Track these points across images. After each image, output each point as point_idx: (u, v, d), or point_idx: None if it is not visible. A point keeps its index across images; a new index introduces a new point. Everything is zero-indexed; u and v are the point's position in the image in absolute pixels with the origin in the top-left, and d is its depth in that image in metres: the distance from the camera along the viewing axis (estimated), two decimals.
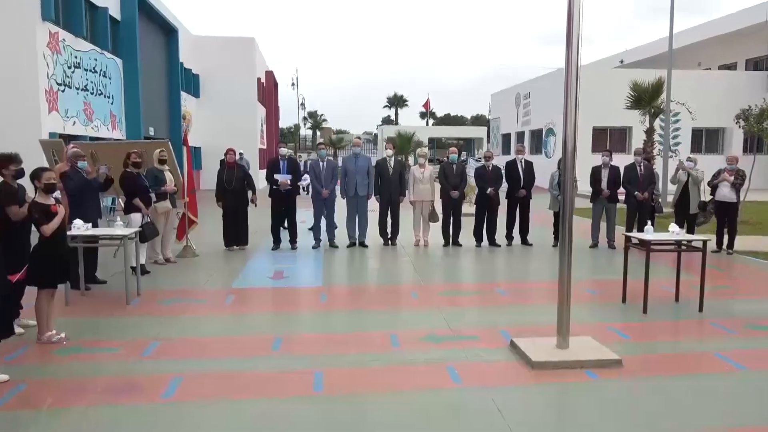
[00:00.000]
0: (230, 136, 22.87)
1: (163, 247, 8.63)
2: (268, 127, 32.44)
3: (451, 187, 9.99)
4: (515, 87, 32.32)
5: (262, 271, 8.27)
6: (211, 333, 5.49)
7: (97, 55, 15.65)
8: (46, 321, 5.11)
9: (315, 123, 76.62)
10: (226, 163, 9.70)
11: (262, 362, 4.67)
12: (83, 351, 4.91)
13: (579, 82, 4.56)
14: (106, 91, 16.25)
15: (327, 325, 5.74)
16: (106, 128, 16.21)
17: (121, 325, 5.65)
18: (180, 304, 6.45)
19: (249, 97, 27.19)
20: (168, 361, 4.69)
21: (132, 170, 7.73)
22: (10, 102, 12.14)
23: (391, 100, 76.08)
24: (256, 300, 6.85)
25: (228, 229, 9.77)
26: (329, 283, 7.62)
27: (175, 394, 4.05)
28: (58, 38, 13.37)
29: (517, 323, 5.71)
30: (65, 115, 13.68)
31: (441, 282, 7.80)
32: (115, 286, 7.06)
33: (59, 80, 13.43)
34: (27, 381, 4.25)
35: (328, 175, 9.85)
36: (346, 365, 4.61)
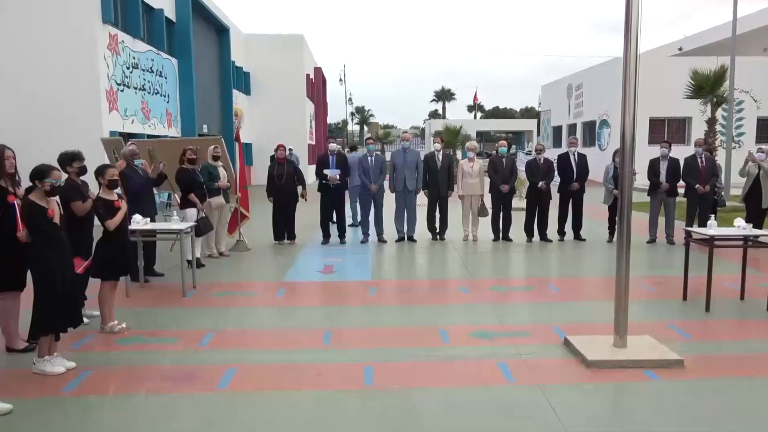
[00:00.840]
0: (280, 133, 23.30)
1: (216, 241, 8.86)
2: (316, 122, 32.83)
3: (501, 181, 9.83)
4: (567, 78, 31.50)
5: (312, 265, 8.38)
6: (263, 325, 5.60)
7: (153, 56, 16.19)
8: (108, 311, 5.34)
9: (362, 118, 76.98)
10: (276, 159, 9.86)
11: (313, 355, 4.72)
12: (143, 341, 5.10)
13: (638, 70, 4.38)
14: (162, 90, 16.80)
15: (376, 320, 5.76)
16: (163, 126, 16.77)
17: (178, 317, 5.84)
18: (233, 297, 6.61)
19: (298, 93, 27.57)
20: (223, 352, 4.81)
21: (187, 166, 7.96)
22: (74, 102, 12.72)
23: (438, 94, 75.62)
24: (307, 293, 6.94)
25: (278, 224, 9.93)
26: (378, 278, 7.64)
27: (230, 384, 4.15)
28: (117, 40, 13.91)
29: (571, 320, 5.57)
30: (124, 114, 14.23)
31: (491, 277, 7.69)
32: (172, 278, 7.31)
33: (119, 80, 13.97)
34: (92, 368, 4.44)
35: (376, 170, 9.87)
36: (396, 360, 4.60)
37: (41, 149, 6.91)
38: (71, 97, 12.72)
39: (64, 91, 12.70)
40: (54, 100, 12.65)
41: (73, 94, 12.74)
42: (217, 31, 22.68)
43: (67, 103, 12.67)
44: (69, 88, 12.73)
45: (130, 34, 14.71)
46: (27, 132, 11.79)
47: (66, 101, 12.67)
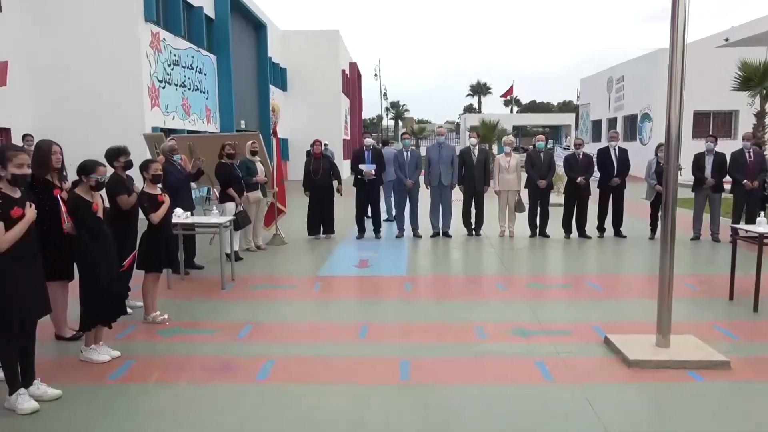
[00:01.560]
0: (315, 128, 23.47)
1: (254, 234, 9.00)
2: (351, 118, 32.96)
3: (539, 176, 9.67)
4: (607, 71, 30.74)
5: (348, 259, 8.42)
6: (300, 318, 5.66)
7: (193, 53, 16.52)
8: (151, 302, 5.49)
9: (397, 113, 76.94)
10: (312, 154, 9.93)
11: (349, 349, 4.75)
12: (184, 331, 5.23)
13: (685, 61, 4.24)
14: (201, 86, 17.13)
15: (412, 315, 5.75)
16: (202, 122, 17.11)
17: (217, 308, 5.96)
18: (271, 290, 6.71)
19: (334, 88, 27.71)
20: (261, 344, 4.88)
21: (226, 161, 8.10)
22: (118, 99, 13.10)
23: (474, 88, 74.94)
24: (343, 288, 6.98)
25: (313, 218, 10.02)
26: (413, 273, 7.63)
27: (269, 375, 4.22)
28: (159, 38, 14.24)
29: (611, 319, 5.45)
30: (165, 110, 14.57)
31: (528, 274, 7.59)
32: (211, 271, 7.45)
33: (160, 77, 14.30)
34: (135, 357, 4.58)
35: (412, 165, 9.84)
36: (432, 355, 4.59)
37: (88, 144, 7.14)
38: (116, 94, 13.11)
39: (109, 88, 13.09)
40: (100, 98, 13.06)
41: (117, 91, 13.13)
42: (255, 27, 22.98)
43: (112, 99, 13.06)
44: (114, 85, 13.11)
45: (171, 32, 15.04)
46: (75, 127, 12.20)
47: (111, 98, 13.07)
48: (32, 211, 3.59)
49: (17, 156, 3.55)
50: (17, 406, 3.60)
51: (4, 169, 3.51)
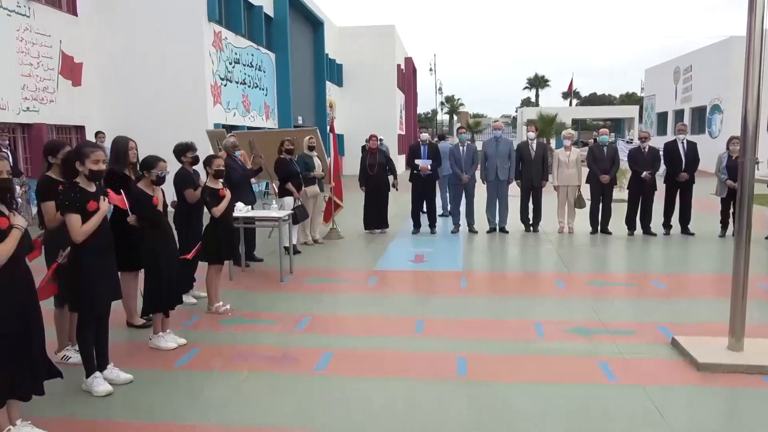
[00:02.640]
0: (371, 123, 23.59)
1: (311, 228, 9.15)
2: (406, 113, 32.94)
3: (601, 171, 9.36)
4: (674, 60, 29.37)
5: (403, 254, 8.44)
6: (357, 312, 5.72)
7: (253, 51, 16.93)
8: (214, 293, 5.68)
9: (452, 107, 76.19)
10: (368, 149, 9.99)
11: (406, 343, 4.76)
12: (245, 322, 5.38)
13: (764, 48, 3.99)
14: (261, 84, 17.55)
15: (469, 311, 5.70)
16: (261, 118, 17.53)
17: (276, 300, 6.11)
18: (328, 283, 6.81)
19: (389, 84, 27.77)
20: (319, 336, 4.97)
21: (285, 156, 8.26)
22: (182, 97, 13.60)
23: (531, 81, 73.28)
24: (398, 282, 7.00)
25: (369, 213, 10.09)
26: (469, 269, 7.56)
27: (327, 367, 4.29)
28: (221, 37, 14.67)
29: (679, 320, 5.22)
30: (227, 107, 15.02)
31: (588, 271, 7.37)
32: (270, 264, 7.64)
33: (222, 75, 14.75)
34: (200, 345, 4.75)
35: (468, 160, 9.74)
36: (490, 352, 4.54)
37: (155, 141, 7.44)
38: (180, 92, 13.62)
39: (175, 86, 13.62)
40: (166, 96, 13.60)
41: (182, 90, 13.64)
42: (312, 24, 23.30)
43: (177, 97, 13.58)
44: (178, 83, 13.63)
45: (233, 30, 15.47)
46: (143, 125, 12.74)
47: (176, 96, 13.58)
48: (106, 204, 3.78)
49: (94, 153, 3.74)
50: (93, 388, 3.81)
51: (83, 165, 3.71)
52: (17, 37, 11.12)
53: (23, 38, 11.27)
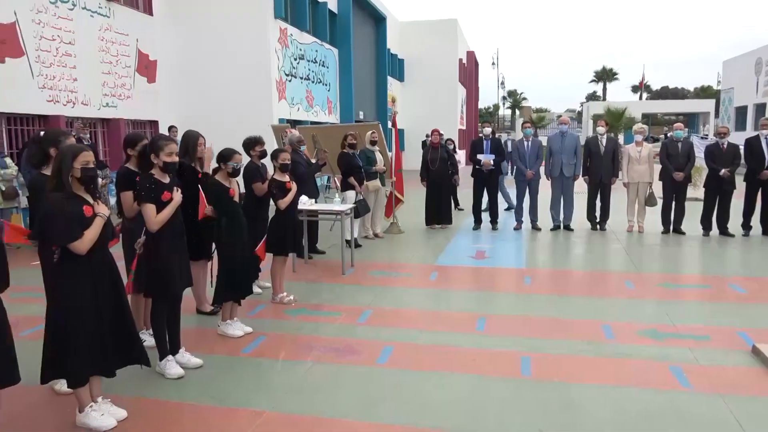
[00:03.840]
0: (431, 118, 23.49)
1: (372, 223, 9.21)
2: (467, 107, 32.58)
3: (675, 168, 8.92)
4: (756, 51, 27.60)
5: (464, 250, 8.35)
6: (418, 306, 5.71)
7: (317, 47, 17.19)
8: (279, 284, 5.81)
9: (514, 102, 74.71)
10: (431, 144, 9.94)
11: (467, 339, 4.72)
12: (308, 312, 5.48)
13: None
14: (324, 79, 17.81)
15: (532, 309, 5.58)
16: (324, 113, 17.80)
17: (338, 292, 6.19)
18: (389, 277, 6.84)
19: (450, 78, 27.56)
20: (380, 329, 4.99)
21: (348, 151, 8.34)
22: (249, 92, 14.00)
23: (599, 74, 70.70)
24: (459, 278, 6.94)
25: (430, 208, 10.05)
26: (533, 266, 7.40)
27: (388, 360, 4.30)
28: (286, 33, 14.99)
29: (761, 325, 4.91)
30: (291, 103, 15.34)
31: (660, 272, 7.04)
32: (332, 256, 7.75)
33: (287, 71, 15.07)
34: (265, 334, 4.88)
35: (532, 155, 9.52)
36: (556, 352, 4.42)
37: (224, 135, 7.68)
38: (248, 88, 14.03)
39: (242, 82, 14.04)
40: (233, 92, 14.04)
41: (249, 86, 14.04)
42: (375, 20, 23.40)
43: (244, 93, 14.00)
44: (245, 80, 14.04)
45: (298, 27, 15.76)
46: (212, 119, 13.21)
47: (243, 92, 14.00)
48: (179, 195, 3.93)
49: (168, 145, 3.90)
50: (166, 371, 3.99)
51: (157, 157, 3.87)
52: (99, 37, 11.76)
53: (104, 38, 11.91)
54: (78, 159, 3.13)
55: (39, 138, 3.90)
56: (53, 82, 10.55)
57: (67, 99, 10.89)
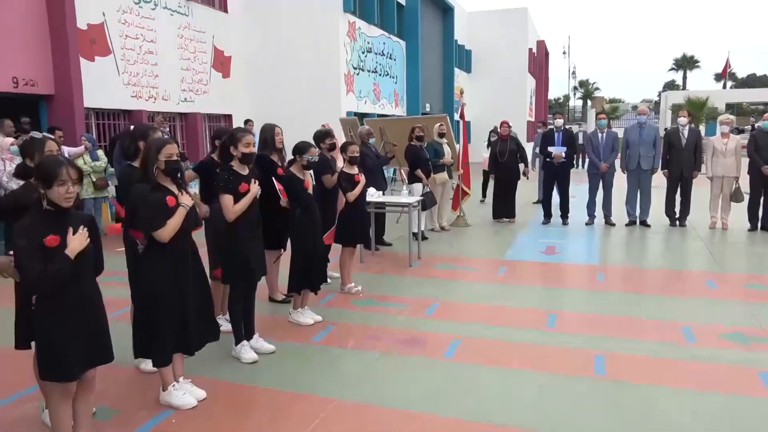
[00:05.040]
0: (499, 110, 23.06)
1: (439, 215, 9.17)
2: (537, 98, 31.72)
3: (764, 161, 8.32)
4: None
5: (533, 244, 8.17)
6: (485, 300, 5.64)
7: (385, 40, 17.24)
8: (347, 274, 5.91)
9: (586, 92, 71.97)
10: (500, 136, 9.77)
11: (538, 336, 4.62)
12: (376, 303, 5.54)
13: None
14: (391, 72, 17.85)
15: (606, 307, 5.38)
16: (391, 106, 17.85)
17: (405, 284, 6.21)
18: (455, 270, 6.79)
19: (519, 69, 26.90)
20: (447, 322, 4.98)
21: (416, 143, 8.33)
22: (319, 86, 14.26)
23: (678, 62, 66.91)
24: (528, 273, 6.80)
25: (498, 202, 9.89)
26: (606, 262, 7.13)
27: (455, 354, 4.29)
28: (355, 27, 15.12)
29: None
30: (359, 96, 15.48)
31: (747, 272, 6.62)
32: (398, 248, 7.79)
33: (355, 65, 15.21)
34: (334, 323, 4.98)
35: (607, 148, 9.16)
36: (632, 352, 4.25)
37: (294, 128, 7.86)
38: (317, 82, 14.29)
39: (312, 76, 14.32)
40: (304, 85, 14.34)
41: (318, 79, 14.30)
42: (442, 11, 23.17)
43: (313, 87, 14.27)
44: (315, 73, 14.30)
45: (366, 20, 15.86)
46: (284, 113, 13.55)
47: (313, 85, 14.28)
48: (256, 187, 4.05)
49: (245, 137, 4.04)
50: (241, 355, 4.15)
51: (235, 149, 4.01)
52: (178, 35, 12.31)
53: (183, 35, 12.45)
54: (162, 151, 3.30)
55: (130, 132, 4.13)
56: (137, 78, 11.15)
57: (149, 95, 11.48)
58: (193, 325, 3.42)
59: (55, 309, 2.65)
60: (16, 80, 8.78)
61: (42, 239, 2.58)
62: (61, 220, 2.67)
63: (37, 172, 2.70)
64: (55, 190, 2.61)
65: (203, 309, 3.52)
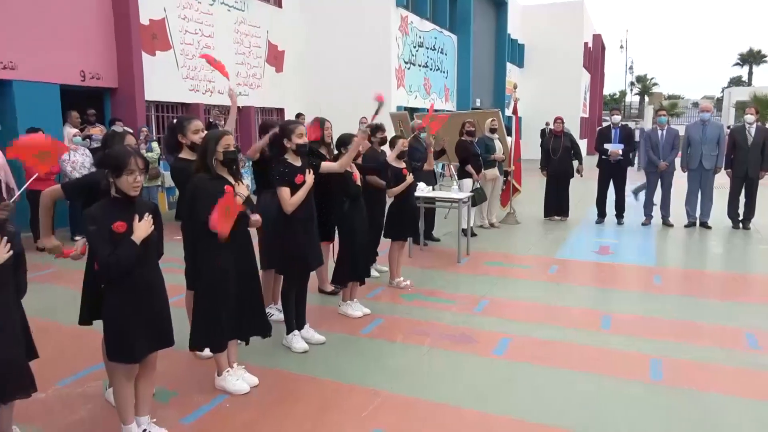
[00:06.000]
0: (551, 106, 22.57)
1: (489, 212, 9.06)
2: (591, 94, 30.85)
3: None
4: None
5: (587, 244, 7.97)
6: (536, 299, 5.54)
7: (437, 34, 17.13)
8: (396, 268, 5.92)
9: (644, 88, 69.43)
10: (553, 132, 9.56)
11: (590, 337, 4.51)
12: (424, 298, 5.53)
13: None
14: (442, 66, 17.72)
15: (663, 310, 5.19)
16: (441, 100, 17.73)
17: (453, 280, 6.17)
18: (505, 268, 6.70)
19: (574, 63, 26.24)
20: (497, 320, 4.92)
21: (466, 138, 8.25)
22: (369, 80, 14.29)
23: (744, 57, 63.67)
24: (581, 273, 6.64)
25: (549, 199, 9.69)
26: (664, 264, 6.88)
27: (505, 353, 4.23)
28: (407, 21, 15.08)
29: None
30: (409, 90, 15.45)
31: None
32: (446, 244, 7.75)
33: (406, 59, 15.18)
34: (382, 316, 5.00)
35: (667, 146, 8.82)
36: (689, 357, 4.09)
37: (346, 122, 7.93)
38: (368, 76, 14.34)
39: (363, 71, 14.39)
40: (355, 80, 14.41)
41: (370, 74, 14.36)
42: (496, 4, 22.83)
43: (365, 81, 14.31)
44: (367, 68, 14.36)
45: (418, 14, 15.79)
46: (335, 107, 13.68)
47: (364, 80, 14.33)
48: (311, 177, 4.10)
49: (298, 128, 4.10)
50: (292, 345, 4.23)
51: (289, 141, 4.08)
52: (234, 30, 12.60)
53: (239, 30, 12.73)
54: (220, 143, 3.38)
55: (171, 126, 4.24)
56: (194, 72, 11.48)
57: (205, 88, 11.80)
58: (246, 313, 3.51)
59: (122, 293, 2.77)
60: (83, 74, 9.20)
61: (110, 225, 2.70)
62: (128, 208, 2.78)
63: (107, 161, 2.81)
64: (124, 179, 2.72)
65: (255, 300, 3.60)
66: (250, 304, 3.55)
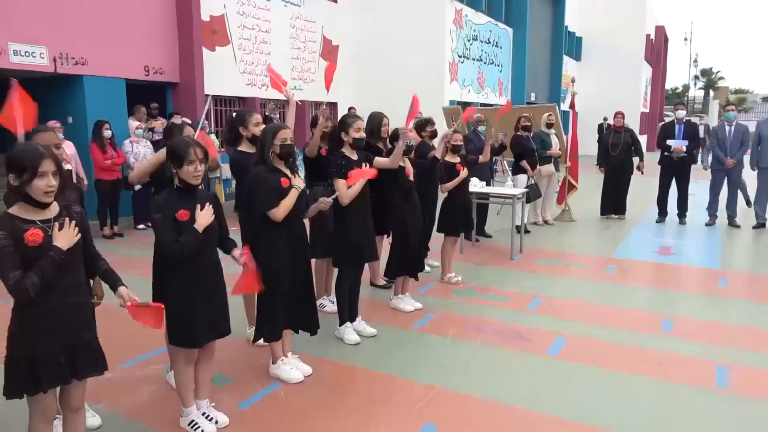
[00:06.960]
0: (610, 100, 21.88)
1: (543, 209, 8.87)
2: (653, 88, 29.67)
3: None
4: None
5: (646, 243, 7.68)
6: (592, 299, 5.38)
7: (492, 27, 16.86)
8: (447, 264, 5.88)
9: (709, 82, 66.13)
10: (613, 127, 9.26)
11: (651, 341, 4.34)
12: (476, 295, 5.47)
13: None
14: (496, 60, 17.44)
15: (729, 315, 4.95)
16: (494, 95, 17.46)
17: (506, 277, 6.08)
18: (560, 266, 6.55)
19: (635, 56, 25.29)
20: (551, 319, 4.81)
21: (522, 133, 8.09)
22: (423, 74, 14.21)
23: None
24: (641, 273, 6.40)
25: (606, 197, 9.39)
26: (729, 267, 6.55)
27: (560, 353, 4.13)
28: (461, 14, 14.90)
29: None
30: (462, 84, 15.28)
31: None
32: (499, 240, 7.64)
33: (460, 53, 15.01)
34: (433, 312, 4.98)
35: (736, 142, 8.38)
36: (758, 365, 3.89)
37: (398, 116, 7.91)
38: (422, 70, 14.26)
39: (417, 65, 14.31)
40: (408, 73, 14.34)
41: (423, 68, 14.27)
42: None
43: (418, 75, 14.24)
44: (420, 62, 14.28)
45: (473, 7, 15.58)
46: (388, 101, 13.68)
47: (417, 74, 14.25)
48: (370, 171, 4.11)
49: (355, 122, 4.12)
50: (344, 336, 4.27)
51: (347, 134, 4.10)
52: (290, 25, 12.78)
53: (294, 25, 12.91)
54: (278, 136, 3.44)
55: (231, 119, 4.33)
56: (251, 67, 11.72)
57: (261, 83, 12.02)
58: (300, 303, 3.56)
59: (184, 280, 2.86)
60: (147, 69, 9.54)
61: (174, 214, 2.79)
62: (190, 197, 2.86)
63: (168, 152, 2.90)
64: (185, 169, 2.80)
65: (308, 295, 3.64)
66: (303, 298, 3.60)
